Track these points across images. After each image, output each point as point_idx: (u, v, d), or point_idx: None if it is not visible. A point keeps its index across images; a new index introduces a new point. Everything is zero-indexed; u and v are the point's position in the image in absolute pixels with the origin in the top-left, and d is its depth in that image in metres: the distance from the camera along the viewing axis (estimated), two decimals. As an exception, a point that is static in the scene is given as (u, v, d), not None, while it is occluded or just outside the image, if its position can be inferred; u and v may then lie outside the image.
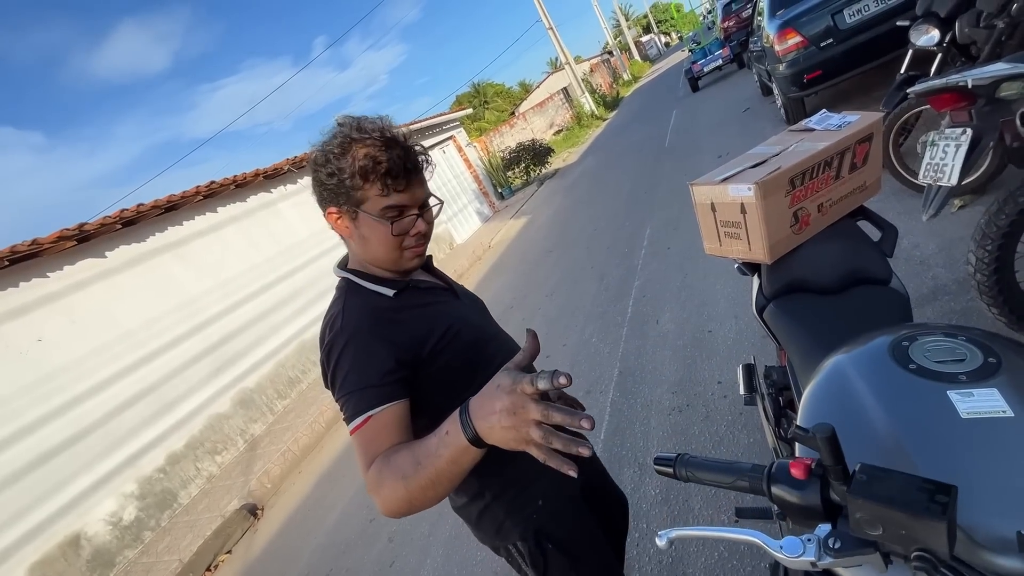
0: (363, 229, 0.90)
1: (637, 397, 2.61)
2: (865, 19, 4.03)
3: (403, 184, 0.88)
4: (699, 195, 1.33)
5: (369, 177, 0.85)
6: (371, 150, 0.85)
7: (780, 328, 1.22)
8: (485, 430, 0.64)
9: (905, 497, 0.40)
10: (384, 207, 0.87)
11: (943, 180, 1.58)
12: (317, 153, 0.89)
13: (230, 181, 5.87)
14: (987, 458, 0.54)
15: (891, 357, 0.69)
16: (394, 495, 0.71)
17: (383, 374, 0.83)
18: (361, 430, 0.79)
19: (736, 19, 11.18)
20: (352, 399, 0.81)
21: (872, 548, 0.44)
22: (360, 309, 0.89)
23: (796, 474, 0.51)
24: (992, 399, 0.59)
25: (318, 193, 0.91)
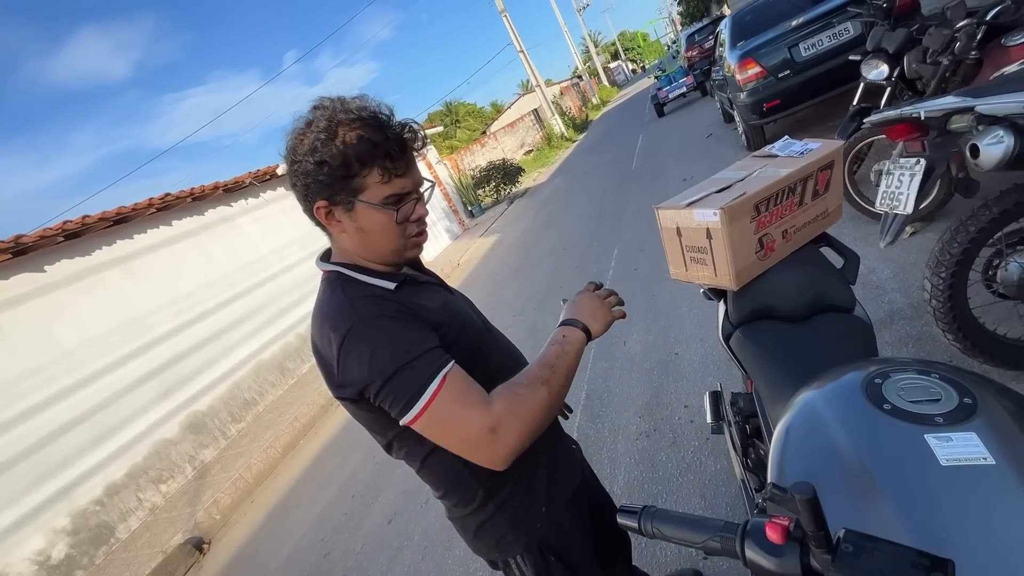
0: (361, 221, 0.81)
1: (604, 421, 2.56)
2: (819, 53, 4.22)
3: (403, 167, 0.80)
4: (665, 219, 1.31)
5: (367, 162, 0.76)
6: (365, 131, 0.76)
7: (747, 356, 1.19)
8: (590, 320, 0.90)
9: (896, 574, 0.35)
10: (386, 196, 0.79)
11: (899, 208, 1.62)
12: (296, 139, 0.78)
13: (187, 193, 5.63)
14: (971, 515, 0.49)
15: (864, 396, 0.65)
16: (537, 404, 0.75)
17: (430, 338, 0.77)
18: (442, 391, 0.73)
19: (699, 49, 11.65)
20: (413, 370, 0.73)
21: (860, 629, 0.38)
22: (368, 298, 0.81)
23: (773, 537, 0.45)
24: (971, 444, 0.55)
25: (302, 186, 0.80)
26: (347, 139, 0.75)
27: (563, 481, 1.02)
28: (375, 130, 0.77)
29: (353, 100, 0.80)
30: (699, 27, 12.87)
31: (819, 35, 4.19)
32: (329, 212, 0.81)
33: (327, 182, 0.77)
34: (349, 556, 2.79)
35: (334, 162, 0.76)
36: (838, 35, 4.13)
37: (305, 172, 0.78)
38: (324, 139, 0.75)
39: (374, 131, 0.77)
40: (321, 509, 3.45)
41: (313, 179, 0.78)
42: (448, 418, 0.73)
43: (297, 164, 0.79)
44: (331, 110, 0.77)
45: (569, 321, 0.89)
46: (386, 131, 0.78)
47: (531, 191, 12.60)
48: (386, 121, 0.79)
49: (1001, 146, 1.36)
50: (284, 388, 6.09)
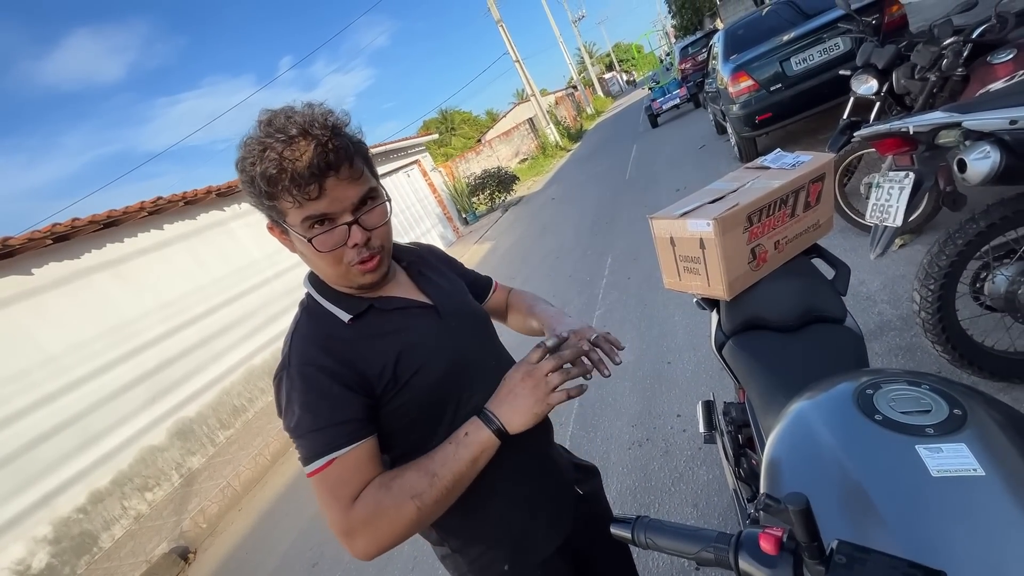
0: (296, 244, 0.77)
1: (597, 431, 2.56)
2: (810, 67, 4.29)
3: (315, 190, 0.70)
4: (658, 229, 1.31)
5: (277, 186, 0.69)
6: (275, 151, 0.69)
7: (739, 366, 1.19)
8: (509, 413, 0.73)
9: (891, 586, 0.35)
10: (303, 219, 0.72)
11: (888, 221, 1.64)
12: (239, 154, 0.73)
13: (179, 197, 5.59)
14: (962, 525, 0.50)
15: (856, 406, 0.65)
16: (400, 520, 0.69)
17: (342, 411, 0.72)
18: (323, 474, 0.70)
19: (692, 61, 11.81)
20: (308, 441, 0.71)
21: (854, 643, 0.38)
22: (309, 337, 0.77)
23: (766, 548, 0.45)
24: (962, 456, 0.55)
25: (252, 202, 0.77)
26: (265, 159, 0.69)
27: (544, 529, 0.90)
28: (284, 148, 0.68)
29: (285, 114, 0.72)
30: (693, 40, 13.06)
31: (810, 50, 4.26)
32: (280, 232, 0.78)
33: (256, 202, 0.74)
34: (338, 566, 2.75)
35: (247, 187, 0.72)
36: (829, 50, 4.20)
37: (242, 190, 0.76)
38: (241, 156, 0.71)
39: (283, 150, 0.68)
40: (310, 518, 3.41)
41: (251, 200, 0.75)
42: (319, 499, 0.71)
43: (240, 179, 0.75)
44: (256, 124, 0.72)
45: (482, 413, 0.74)
46: (294, 149, 0.68)
47: (525, 199, 12.64)
48: (299, 136, 0.69)
49: (987, 161, 1.38)
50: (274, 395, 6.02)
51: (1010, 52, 2.09)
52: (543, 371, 0.73)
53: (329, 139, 0.71)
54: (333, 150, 0.71)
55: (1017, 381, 1.65)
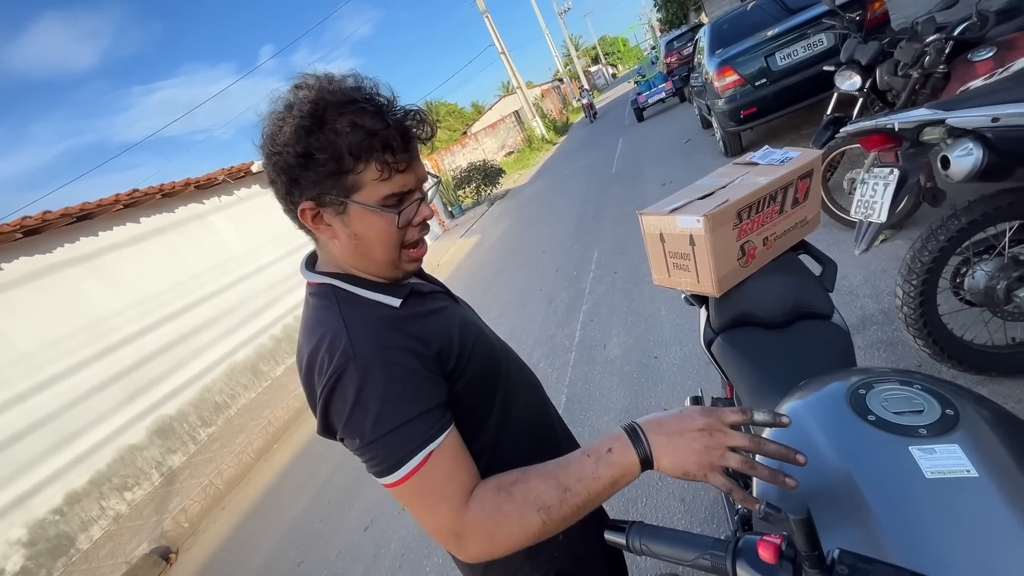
0: (356, 225, 0.69)
1: (585, 426, 2.56)
2: (795, 63, 4.32)
3: (406, 161, 0.67)
4: (648, 225, 1.30)
5: (363, 156, 0.64)
6: (361, 118, 0.63)
7: (728, 363, 1.19)
8: (665, 448, 0.59)
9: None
10: (385, 195, 0.67)
11: (873, 216, 1.66)
12: (275, 126, 0.66)
13: (156, 190, 5.44)
14: (958, 529, 0.49)
15: (849, 407, 0.65)
16: (522, 532, 0.61)
17: (429, 396, 0.65)
18: (420, 472, 0.62)
19: (678, 55, 11.83)
20: (396, 439, 0.62)
21: (856, 656, 0.38)
22: (369, 323, 0.68)
23: (765, 557, 0.44)
24: (955, 457, 0.55)
25: (284, 183, 0.67)
26: (338, 127, 0.63)
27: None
28: (373, 116, 0.65)
29: (344, 78, 0.68)
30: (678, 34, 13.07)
31: (794, 45, 4.30)
32: (317, 215, 0.69)
33: (314, 179, 0.65)
34: (324, 564, 2.72)
35: (322, 155, 0.63)
36: (812, 46, 4.23)
37: (286, 166, 0.65)
38: (309, 126, 0.63)
39: (372, 117, 0.64)
40: (295, 516, 3.37)
41: (297, 175, 0.66)
42: (417, 503, 0.64)
43: (276, 156, 0.66)
44: (317, 90, 0.65)
45: (632, 430, 0.62)
46: (386, 117, 0.65)
47: (511, 192, 12.60)
48: (386, 105, 0.67)
49: (971, 158, 1.40)
50: (257, 391, 5.94)
51: (990, 50, 2.12)
52: (729, 441, 0.59)
53: (411, 110, 0.69)
54: (419, 120, 0.70)
55: (994, 374, 1.68)
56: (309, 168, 0.64)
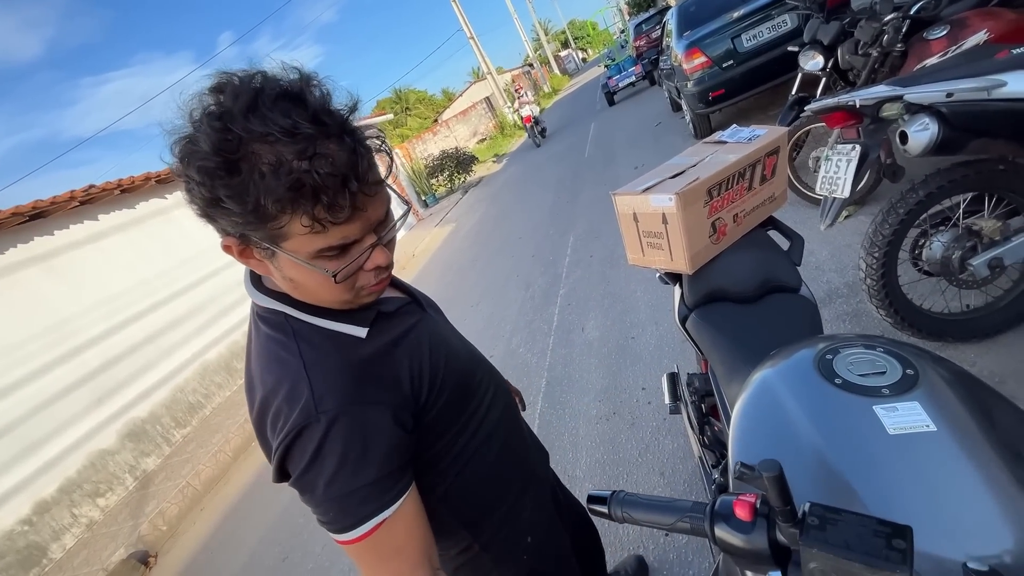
0: (287, 271, 0.60)
1: (565, 407, 2.59)
2: (760, 44, 4.38)
3: (346, 211, 0.54)
4: (622, 205, 1.31)
5: (286, 208, 0.51)
6: (287, 158, 0.50)
7: (702, 337, 1.22)
8: None
9: (863, 545, 0.37)
10: (320, 248, 0.56)
11: (837, 192, 1.71)
12: (185, 151, 0.52)
13: (114, 185, 5.21)
14: (919, 479, 0.52)
15: (817, 371, 0.68)
16: None
17: (390, 458, 0.61)
18: (371, 538, 0.60)
19: (647, 39, 11.86)
20: (349, 503, 0.59)
21: (826, 599, 0.40)
22: (332, 368, 0.62)
23: (741, 515, 0.46)
24: (915, 413, 0.58)
25: (198, 213, 0.56)
26: (254, 167, 0.50)
27: (540, 500, 0.95)
28: (299, 155, 0.50)
29: (272, 84, 0.52)
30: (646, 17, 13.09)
31: (759, 27, 4.35)
32: (244, 250, 0.59)
33: (229, 224, 0.54)
34: (309, 558, 2.71)
35: (234, 204, 0.51)
36: (777, 27, 4.30)
37: (195, 199, 0.54)
38: (214, 168, 0.50)
39: (297, 157, 0.50)
40: (278, 512, 3.33)
41: (211, 214, 0.55)
42: (364, 565, 0.62)
43: (187, 184, 0.54)
44: (229, 110, 0.50)
45: None
46: (317, 158, 0.51)
47: (485, 180, 12.51)
48: (321, 134, 0.52)
49: (927, 132, 1.45)
50: (232, 389, 5.81)
51: (944, 28, 2.19)
52: None
53: (352, 135, 0.55)
54: (363, 154, 0.55)
55: (951, 340, 1.77)
56: (222, 213, 0.53)
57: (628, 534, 1.77)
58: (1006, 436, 0.56)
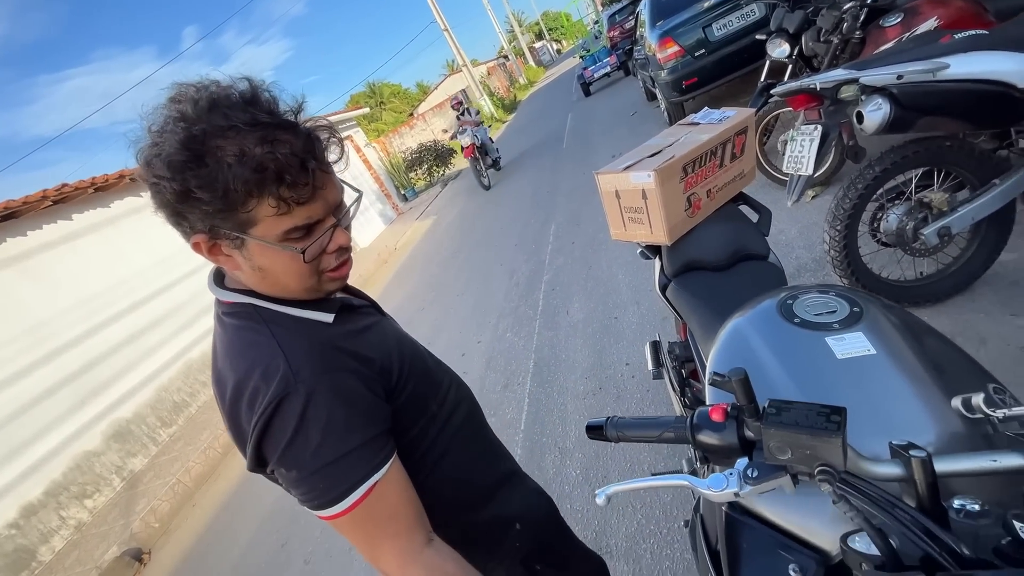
0: (258, 259, 0.63)
1: (553, 385, 2.70)
2: (730, 33, 4.52)
3: (308, 191, 0.60)
4: (604, 183, 1.41)
5: (253, 192, 0.56)
6: (250, 146, 0.56)
7: (681, 303, 1.33)
8: None
9: (808, 422, 0.46)
10: (287, 230, 0.61)
11: (802, 170, 1.83)
12: (150, 152, 0.57)
13: (87, 184, 5.11)
14: (860, 389, 0.63)
15: (779, 314, 0.78)
16: None
17: (374, 422, 0.63)
18: (363, 505, 0.60)
19: (620, 29, 11.97)
20: (337, 470, 0.60)
21: (783, 471, 0.50)
22: (305, 345, 0.64)
23: (715, 418, 0.56)
24: (859, 341, 0.69)
25: (169, 215, 0.60)
26: (221, 156, 0.55)
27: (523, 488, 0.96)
28: (262, 141, 0.56)
29: (231, 88, 0.59)
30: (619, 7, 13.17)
31: (729, 16, 4.49)
32: (213, 246, 0.62)
33: (200, 216, 0.58)
34: (308, 542, 2.77)
35: (204, 193, 0.55)
36: (746, 16, 4.44)
37: (166, 201, 0.58)
38: (184, 160, 0.54)
39: (261, 143, 0.56)
40: (272, 501, 3.37)
41: (180, 210, 0.58)
42: (359, 536, 0.63)
43: (156, 186, 0.57)
44: (194, 110, 0.56)
45: None
46: (279, 142, 0.57)
47: (464, 172, 12.51)
48: (280, 125, 0.59)
49: (880, 112, 1.57)
50: (217, 387, 5.78)
51: (898, 16, 2.34)
52: None
53: (313, 130, 0.62)
54: (318, 138, 0.62)
55: (907, 305, 1.92)
56: (189, 204, 0.57)
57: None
58: (931, 355, 0.67)
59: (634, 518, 1.76)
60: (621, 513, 1.81)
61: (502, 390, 2.89)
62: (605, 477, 1.99)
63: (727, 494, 0.52)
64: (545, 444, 2.33)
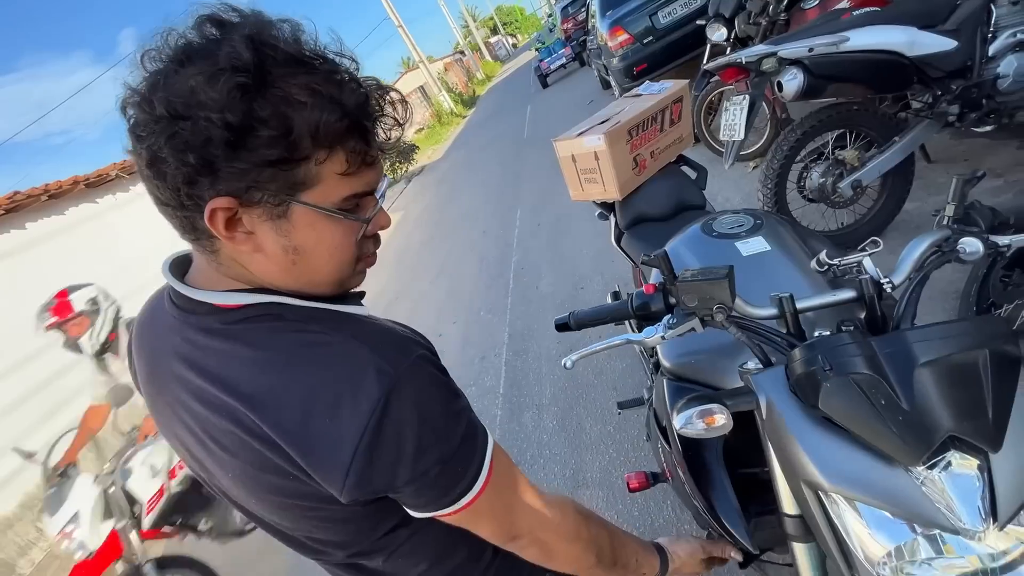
0: (299, 234, 0.50)
1: (528, 353, 2.89)
2: (675, 20, 4.79)
3: (374, 153, 0.52)
4: (561, 149, 1.60)
5: (327, 141, 0.46)
6: (324, 86, 0.46)
7: (633, 249, 1.53)
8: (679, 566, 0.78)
9: (705, 276, 0.65)
10: (345, 196, 0.51)
11: (734, 136, 2.07)
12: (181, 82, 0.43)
13: (40, 191, 4.98)
14: (759, 272, 0.84)
15: (702, 232, 0.99)
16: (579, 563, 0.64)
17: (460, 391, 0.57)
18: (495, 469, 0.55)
19: (573, 21, 12.24)
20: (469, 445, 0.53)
21: (693, 316, 0.69)
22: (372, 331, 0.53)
23: (648, 292, 0.75)
24: (759, 243, 0.90)
25: (186, 167, 0.44)
26: (293, 96, 0.44)
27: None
28: (339, 86, 0.47)
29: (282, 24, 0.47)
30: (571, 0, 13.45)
31: (673, 4, 4.76)
32: (232, 218, 0.47)
33: (244, 167, 0.44)
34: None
35: (268, 131, 0.43)
36: (689, 3, 4.71)
37: (202, 142, 0.43)
38: (250, 83, 0.42)
39: (337, 87, 0.46)
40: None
41: (216, 157, 0.43)
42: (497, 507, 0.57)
43: (183, 124, 0.42)
44: (254, 35, 0.44)
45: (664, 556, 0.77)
46: (358, 95, 0.48)
47: (428, 168, 12.56)
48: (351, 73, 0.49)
49: (796, 81, 1.81)
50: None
51: (817, -1, 2.61)
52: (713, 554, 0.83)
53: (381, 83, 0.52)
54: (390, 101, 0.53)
55: (832, 252, 2.19)
56: (241, 148, 0.43)
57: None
58: (810, 247, 0.88)
59: (606, 453, 1.97)
60: (595, 451, 2.01)
61: (480, 362, 3.06)
62: (579, 424, 2.19)
63: (655, 339, 0.71)
64: (523, 403, 2.51)
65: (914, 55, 1.76)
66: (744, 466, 0.84)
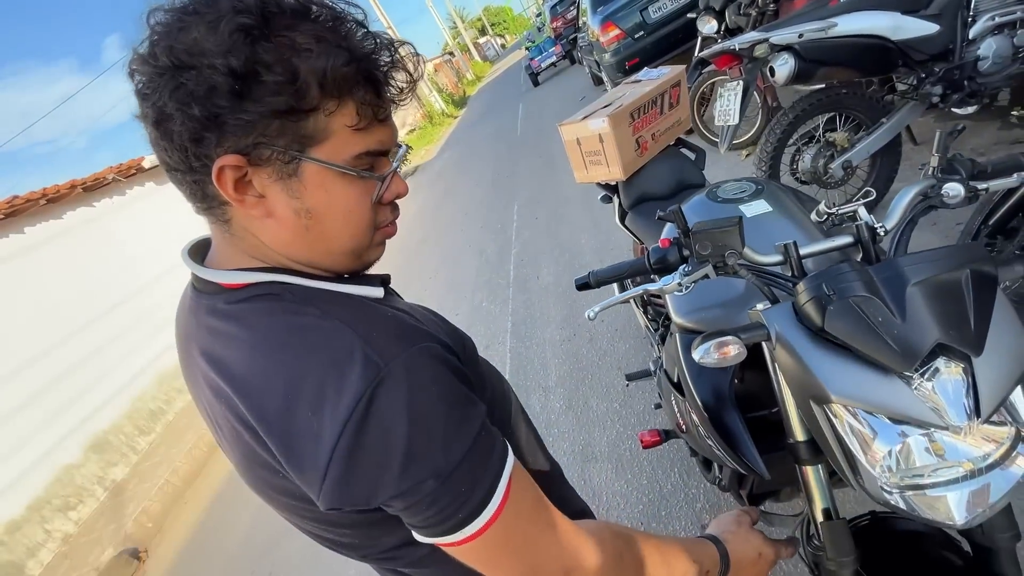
0: (311, 195, 0.47)
1: (532, 339, 2.95)
2: (666, 15, 4.88)
3: (387, 108, 0.50)
4: (567, 133, 1.67)
5: (335, 90, 0.44)
6: (333, 37, 0.44)
7: (637, 227, 1.60)
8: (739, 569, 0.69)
9: (717, 225, 0.72)
10: (358, 153, 0.48)
11: (729, 121, 2.15)
12: (183, 29, 0.42)
13: (38, 195, 4.98)
14: (760, 231, 0.91)
15: (708, 198, 1.06)
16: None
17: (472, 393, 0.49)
18: (511, 497, 0.47)
19: (563, 19, 12.32)
20: (475, 462, 0.45)
21: (707, 263, 0.76)
22: (374, 318, 0.49)
23: (663, 245, 0.82)
24: (761, 206, 0.97)
25: (192, 120, 0.42)
26: (298, 44, 0.42)
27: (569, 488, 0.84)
28: (348, 38, 0.45)
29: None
30: (560, -2, 13.54)
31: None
32: (242, 178, 0.45)
33: (250, 118, 0.42)
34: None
35: (273, 76, 0.41)
36: (678, -2, 4.81)
37: (205, 92, 0.41)
38: (254, 24, 0.41)
39: (347, 39, 0.45)
40: (270, 484, 3.48)
41: (222, 108, 0.42)
42: (516, 542, 0.48)
43: (186, 74, 0.41)
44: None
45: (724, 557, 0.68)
46: (366, 44, 0.46)
47: (421, 168, 12.59)
48: (359, 26, 0.47)
49: (787, 66, 1.89)
50: (193, 393, 5.74)
51: (804, -12, 2.70)
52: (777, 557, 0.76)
53: (391, 38, 0.50)
54: (400, 55, 0.50)
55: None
56: (247, 97, 0.41)
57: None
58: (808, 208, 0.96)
59: (613, 428, 2.04)
60: (602, 426, 2.08)
61: (484, 350, 3.11)
62: (585, 402, 2.26)
63: (673, 285, 0.78)
64: (530, 387, 2.58)
65: (898, 39, 1.85)
66: (753, 411, 0.91)
